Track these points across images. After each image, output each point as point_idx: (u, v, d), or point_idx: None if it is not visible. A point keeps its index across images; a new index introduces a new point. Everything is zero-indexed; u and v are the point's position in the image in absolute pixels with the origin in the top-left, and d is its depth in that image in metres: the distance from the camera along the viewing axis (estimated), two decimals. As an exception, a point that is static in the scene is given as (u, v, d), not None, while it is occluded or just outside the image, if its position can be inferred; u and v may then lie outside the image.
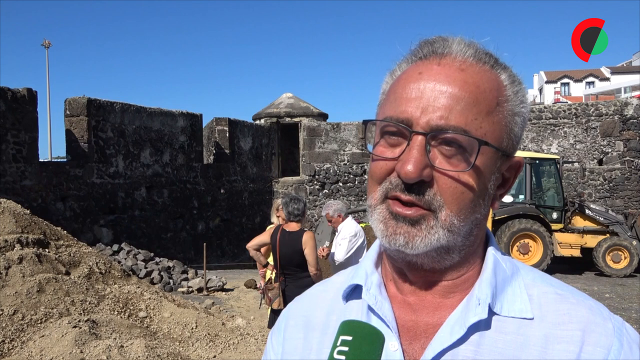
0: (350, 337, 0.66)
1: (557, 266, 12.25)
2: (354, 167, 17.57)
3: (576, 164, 15.30)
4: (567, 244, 12.21)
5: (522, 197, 12.08)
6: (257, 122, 18.15)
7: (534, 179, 12.41)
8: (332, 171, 17.60)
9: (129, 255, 10.50)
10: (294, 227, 4.89)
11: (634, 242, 12.07)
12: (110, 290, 5.84)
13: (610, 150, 16.11)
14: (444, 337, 0.71)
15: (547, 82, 58.37)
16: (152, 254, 10.89)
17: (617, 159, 16.01)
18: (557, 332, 0.70)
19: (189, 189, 14.65)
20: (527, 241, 11.85)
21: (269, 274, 5.40)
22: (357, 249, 5.43)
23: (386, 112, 0.75)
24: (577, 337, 0.69)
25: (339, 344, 0.66)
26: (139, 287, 6.29)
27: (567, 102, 25.89)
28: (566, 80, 58.09)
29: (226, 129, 15.90)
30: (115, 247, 10.77)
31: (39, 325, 4.82)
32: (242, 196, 16.58)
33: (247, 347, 5.64)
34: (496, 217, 11.56)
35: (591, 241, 12.24)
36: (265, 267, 5.38)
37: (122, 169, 12.72)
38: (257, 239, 5.28)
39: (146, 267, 10.11)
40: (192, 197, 14.75)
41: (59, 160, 16.98)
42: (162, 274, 10.01)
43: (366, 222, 8.09)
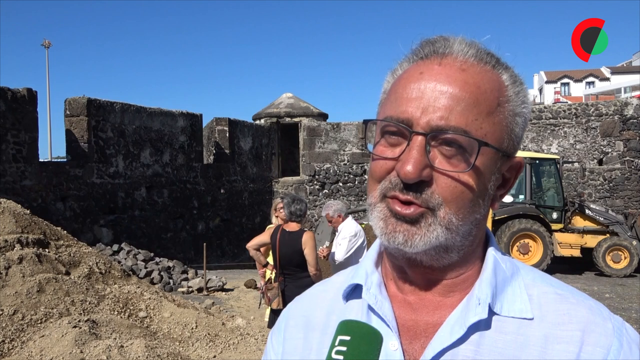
0: (348, 337, 0.66)
1: (557, 266, 12.25)
2: (354, 167, 17.56)
3: (576, 164, 15.30)
4: (567, 244, 12.21)
5: (522, 197, 12.08)
6: (257, 122, 18.15)
7: (534, 179, 12.41)
8: (332, 171, 17.60)
9: (129, 255, 10.50)
10: (294, 227, 4.90)
11: (634, 242, 12.07)
12: (110, 290, 5.84)
13: (610, 150, 16.11)
14: (444, 336, 0.71)
15: (547, 82, 58.36)
16: (152, 254, 10.89)
17: (617, 159, 16.01)
18: (556, 332, 0.70)
19: (189, 189, 14.64)
20: (527, 241, 11.85)
21: (269, 273, 5.41)
22: (357, 248, 5.43)
23: (387, 111, 0.75)
24: (577, 337, 0.69)
25: (337, 343, 0.66)
26: (139, 287, 6.29)
27: (567, 102, 25.89)
28: (566, 80, 58.08)
29: (226, 129, 15.90)
30: (115, 247, 10.78)
31: (39, 325, 4.82)
32: (242, 196, 16.58)
33: (247, 347, 5.64)
34: (496, 217, 11.55)
35: (591, 241, 12.23)
36: (265, 267, 5.38)
37: (122, 169, 12.72)
38: (257, 238, 5.29)
39: (146, 267, 10.12)
40: (192, 197, 14.75)
41: (59, 160, 16.98)
42: (162, 274, 10.01)
43: (366, 222, 8.09)
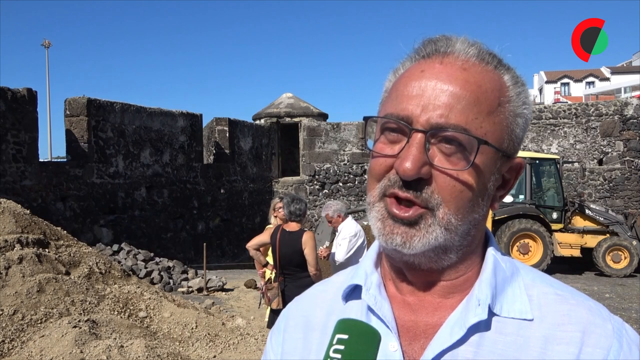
0: (346, 336, 0.66)
1: (557, 266, 12.24)
2: (354, 167, 17.56)
3: (576, 164, 15.29)
4: (567, 244, 12.21)
5: (522, 197, 12.07)
6: (257, 122, 18.15)
7: (534, 179, 12.41)
8: (332, 171, 17.60)
9: (129, 255, 10.50)
10: (294, 227, 4.89)
11: (634, 242, 12.07)
12: (110, 290, 5.84)
13: (610, 150, 16.11)
14: (443, 337, 0.71)
15: (547, 82, 58.37)
16: (152, 254, 10.89)
17: (617, 159, 16.01)
18: (556, 333, 0.70)
19: (189, 189, 14.64)
20: (527, 241, 11.84)
21: (269, 273, 5.41)
22: (358, 248, 5.43)
23: (387, 109, 0.75)
24: (577, 338, 0.69)
25: (335, 342, 0.66)
26: (139, 287, 6.28)
27: (567, 102, 25.90)
28: (566, 80, 58.09)
29: (226, 129, 15.90)
30: (115, 247, 10.77)
31: (39, 325, 4.81)
32: (242, 196, 16.58)
33: (247, 347, 5.64)
34: (496, 217, 11.55)
35: (591, 241, 12.23)
36: (265, 267, 5.38)
37: (122, 169, 12.72)
38: (257, 238, 5.29)
39: (146, 267, 10.12)
40: (192, 197, 14.75)
41: (59, 160, 16.98)
42: (162, 274, 10.01)
43: (367, 222, 8.09)
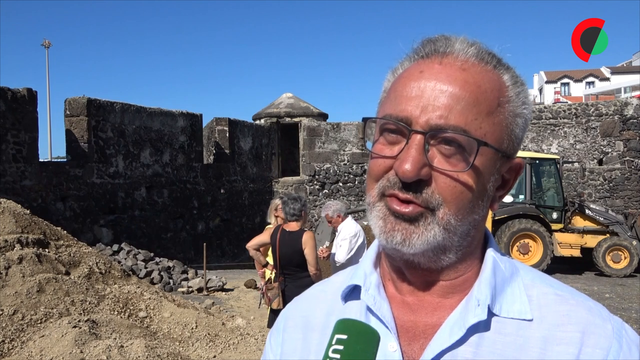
0: (345, 336, 0.66)
1: (557, 266, 12.25)
2: (354, 167, 17.56)
3: (576, 164, 15.30)
4: (567, 244, 12.20)
5: (522, 197, 12.07)
6: (257, 122, 18.15)
7: (534, 179, 12.41)
8: (332, 171, 17.60)
9: (129, 255, 10.49)
10: (293, 227, 4.90)
11: (634, 242, 12.07)
12: (110, 290, 5.84)
13: (610, 150, 16.11)
14: (443, 338, 0.71)
15: (547, 82, 58.36)
16: (152, 254, 10.88)
17: (617, 159, 16.01)
18: (556, 334, 0.70)
19: (189, 189, 14.64)
20: (527, 241, 11.84)
21: (269, 273, 5.41)
22: (358, 248, 5.44)
23: (386, 109, 0.74)
24: (577, 338, 0.69)
25: (334, 342, 0.66)
26: (139, 287, 6.28)
27: (567, 102, 25.90)
28: (566, 80, 58.08)
29: (226, 129, 15.90)
30: (115, 247, 10.77)
31: (39, 325, 4.81)
32: (242, 196, 16.58)
33: (247, 347, 5.64)
34: (496, 217, 11.55)
35: (591, 241, 12.23)
36: (265, 267, 5.38)
37: (122, 169, 12.72)
38: (257, 238, 5.29)
39: (146, 267, 10.11)
40: (192, 197, 14.75)
41: (59, 160, 16.98)
42: (162, 274, 10.00)
43: (367, 222, 8.08)
